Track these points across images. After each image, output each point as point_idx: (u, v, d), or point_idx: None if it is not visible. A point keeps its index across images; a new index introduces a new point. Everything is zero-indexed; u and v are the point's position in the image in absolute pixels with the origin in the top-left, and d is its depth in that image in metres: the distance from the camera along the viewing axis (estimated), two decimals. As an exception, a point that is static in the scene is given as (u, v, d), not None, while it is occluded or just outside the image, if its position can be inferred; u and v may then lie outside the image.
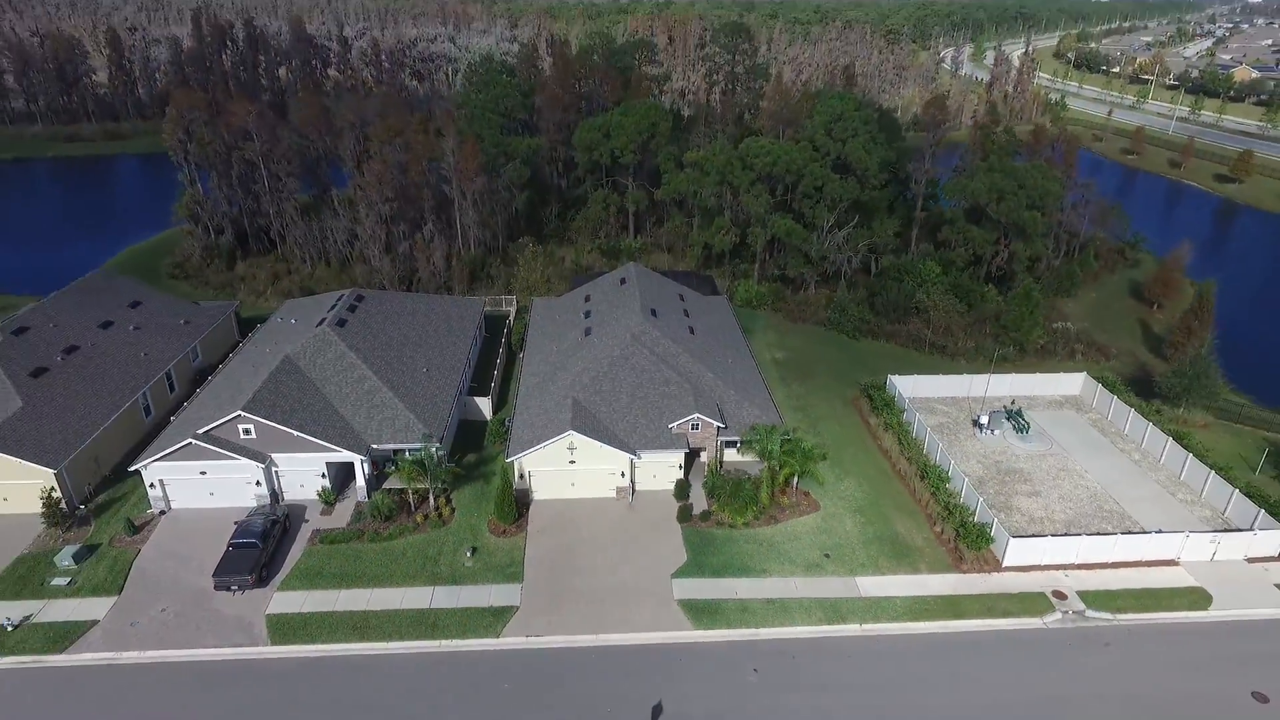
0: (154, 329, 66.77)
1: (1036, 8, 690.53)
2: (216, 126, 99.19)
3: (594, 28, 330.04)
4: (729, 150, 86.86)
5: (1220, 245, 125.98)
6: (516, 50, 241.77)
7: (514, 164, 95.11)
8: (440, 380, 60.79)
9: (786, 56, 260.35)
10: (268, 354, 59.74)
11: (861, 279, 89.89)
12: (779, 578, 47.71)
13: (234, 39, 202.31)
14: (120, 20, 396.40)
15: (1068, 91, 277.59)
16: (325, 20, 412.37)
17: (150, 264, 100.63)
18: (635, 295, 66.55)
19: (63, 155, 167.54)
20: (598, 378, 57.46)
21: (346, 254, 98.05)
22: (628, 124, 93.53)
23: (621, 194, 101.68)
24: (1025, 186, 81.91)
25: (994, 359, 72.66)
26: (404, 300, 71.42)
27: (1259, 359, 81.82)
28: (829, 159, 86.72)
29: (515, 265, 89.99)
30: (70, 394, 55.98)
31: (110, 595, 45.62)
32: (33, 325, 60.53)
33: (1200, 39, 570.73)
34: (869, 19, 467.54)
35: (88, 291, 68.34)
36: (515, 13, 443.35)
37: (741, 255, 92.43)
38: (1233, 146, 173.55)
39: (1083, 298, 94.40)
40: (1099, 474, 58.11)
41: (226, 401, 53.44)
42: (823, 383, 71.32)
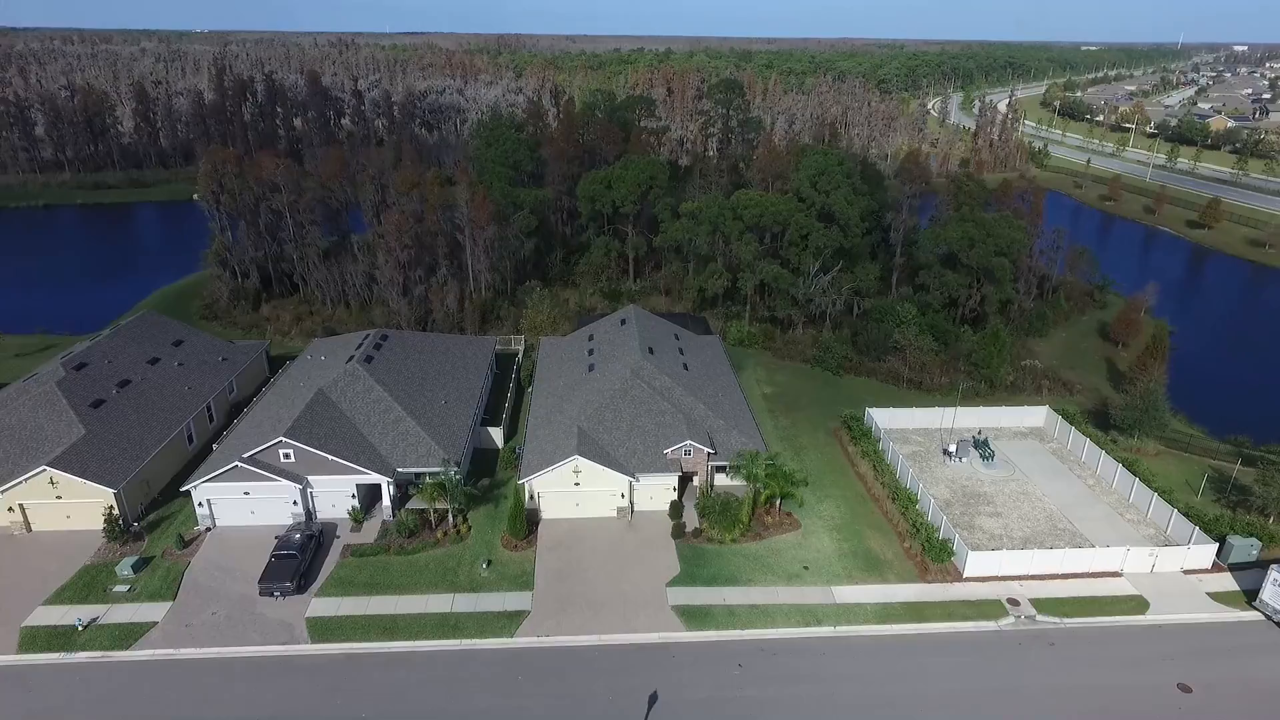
0: (195, 365, 73.23)
1: (1025, 58, 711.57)
2: (246, 179, 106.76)
3: (596, 79, 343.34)
4: (721, 201, 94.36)
5: (1188, 288, 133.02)
6: (522, 102, 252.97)
7: (522, 213, 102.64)
8: (457, 411, 67.01)
9: (781, 107, 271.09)
10: (301, 387, 66.04)
11: (845, 320, 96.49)
12: (762, 587, 53.31)
13: (254, 93, 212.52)
14: (141, 70, 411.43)
15: (1052, 139, 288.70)
16: (337, 71, 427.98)
17: (181, 305, 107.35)
18: (634, 335, 73.14)
19: (90, 202, 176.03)
20: (600, 409, 63.67)
21: (365, 296, 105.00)
22: (628, 177, 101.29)
23: (622, 241, 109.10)
24: (993, 235, 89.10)
25: (959, 394, 78.85)
26: (423, 339, 78.03)
27: (1214, 394, 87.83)
28: (814, 210, 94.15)
29: (524, 307, 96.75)
30: (125, 423, 62.16)
31: (166, 601, 51.22)
32: (90, 361, 66.97)
33: (1184, 87, 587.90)
34: (861, 69, 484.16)
35: (137, 331, 74.91)
36: (520, 64, 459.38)
37: (734, 298, 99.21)
38: (1206, 193, 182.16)
39: (1054, 337, 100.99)
40: (1056, 497, 63.93)
41: (267, 429, 59.59)
42: (807, 415, 77.47)
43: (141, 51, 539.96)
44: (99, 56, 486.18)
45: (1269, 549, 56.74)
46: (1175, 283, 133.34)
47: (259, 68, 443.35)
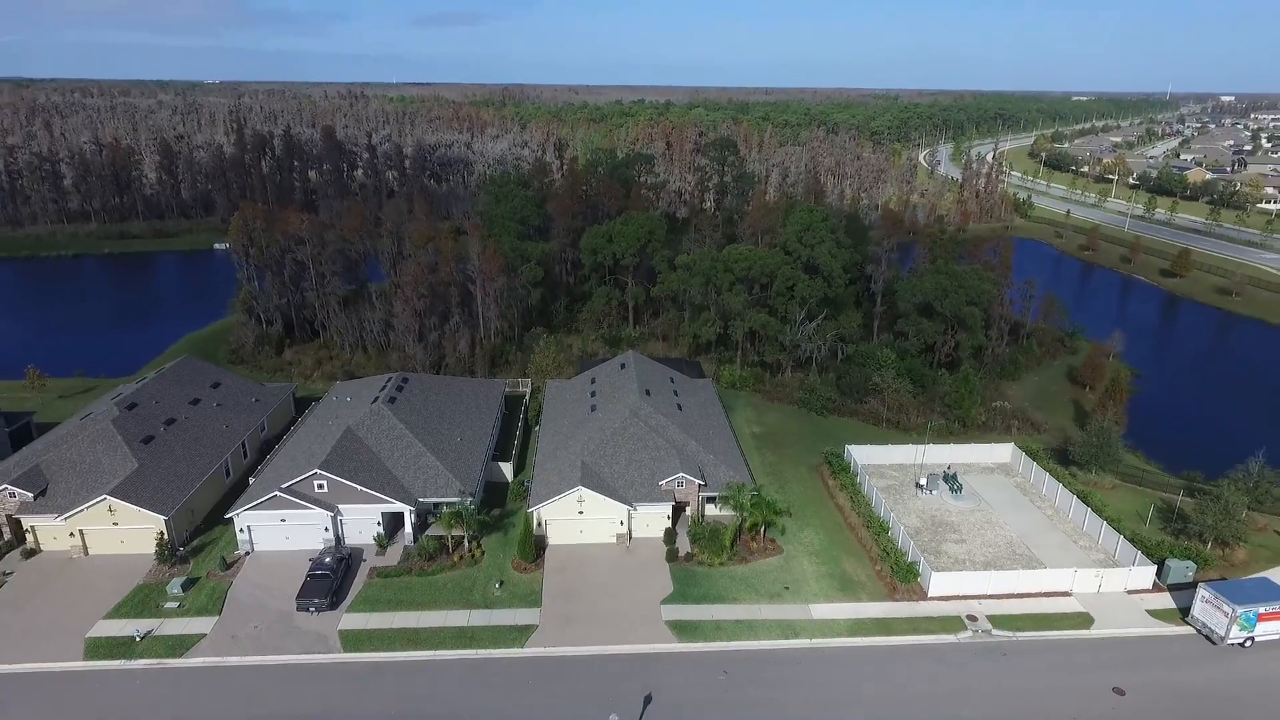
0: (232, 405, 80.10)
1: (1016, 109, 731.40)
2: (274, 233, 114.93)
3: (598, 132, 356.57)
4: (714, 255, 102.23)
5: (1159, 334, 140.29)
6: (528, 155, 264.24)
7: (530, 265, 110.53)
8: (471, 447, 73.63)
9: (775, 159, 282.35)
10: (330, 425, 72.79)
11: (830, 364, 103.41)
12: (747, 604, 59.31)
13: (273, 148, 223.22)
14: (159, 122, 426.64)
15: (1037, 190, 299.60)
16: (348, 124, 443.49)
17: (209, 350, 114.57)
18: (633, 378, 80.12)
19: (116, 252, 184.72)
20: (601, 445, 70.30)
21: (382, 341, 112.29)
22: (628, 231, 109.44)
23: (622, 290, 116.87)
24: (964, 286, 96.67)
25: (926, 432, 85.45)
26: (439, 382, 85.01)
27: (1175, 432, 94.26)
28: (800, 262, 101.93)
29: (530, 352, 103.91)
30: (172, 457, 68.79)
31: (212, 615, 57.25)
32: (140, 401, 73.85)
33: (1169, 138, 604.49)
34: (855, 121, 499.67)
35: (179, 373, 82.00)
36: (524, 116, 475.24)
37: (726, 344, 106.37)
38: (1180, 243, 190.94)
39: (1026, 380, 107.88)
40: (1017, 526, 70.14)
41: (302, 462, 66.19)
42: (792, 452, 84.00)
43: (159, 104, 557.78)
44: (118, 109, 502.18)
45: (1203, 571, 62.78)
46: (1147, 329, 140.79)
47: (273, 120, 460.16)
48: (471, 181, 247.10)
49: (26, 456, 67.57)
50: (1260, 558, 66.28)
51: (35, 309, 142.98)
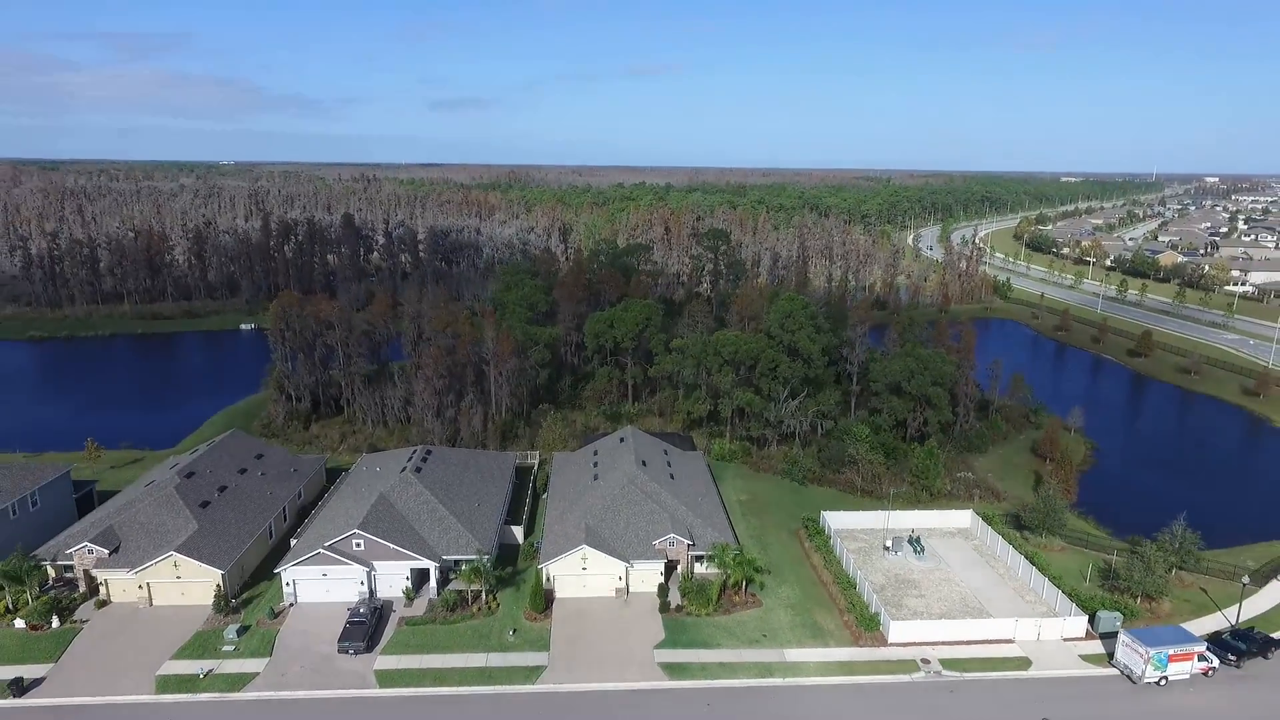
0: (274, 474, 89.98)
1: (1003, 191, 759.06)
2: (307, 319, 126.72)
3: (601, 216, 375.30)
4: (704, 340, 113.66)
5: (1123, 410, 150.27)
6: (534, 240, 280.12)
7: (538, 348, 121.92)
8: (487, 512, 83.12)
9: (769, 243, 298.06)
10: (363, 492, 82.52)
11: (812, 438, 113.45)
12: (729, 649, 67.88)
13: (297, 235, 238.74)
14: (183, 205, 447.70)
15: (1017, 272, 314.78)
16: (361, 206, 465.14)
17: (242, 424, 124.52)
18: (631, 451, 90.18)
19: (149, 332, 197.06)
20: (603, 510, 79.86)
21: (401, 417, 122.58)
22: (627, 318, 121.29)
23: (623, 370, 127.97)
24: (929, 368, 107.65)
25: (893, 500, 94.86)
26: (458, 454, 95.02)
27: (1125, 499, 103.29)
28: (782, 346, 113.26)
29: (539, 427, 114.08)
30: (226, 520, 78.33)
31: (264, 657, 65.86)
32: (197, 471, 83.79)
33: (1151, 219, 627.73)
34: (846, 205, 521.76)
35: (228, 446, 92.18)
36: (530, 199, 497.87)
37: (717, 419, 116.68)
38: (1148, 324, 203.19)
39: (992, 453, 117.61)
40: (971, 583, 78.96)
41: (341, 524, 75.71)
42: (775, 518, 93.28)
43: (181, 188, 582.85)
44: (143, 193, 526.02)
45: (1130, 621, 71.41)
46: (1112, 405, 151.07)
47: (290, 203, 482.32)
48: (481, 264, 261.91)
49: (100, 519, 77.16)
50: (1184, 610, 74.98)
51: (79, 386, 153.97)
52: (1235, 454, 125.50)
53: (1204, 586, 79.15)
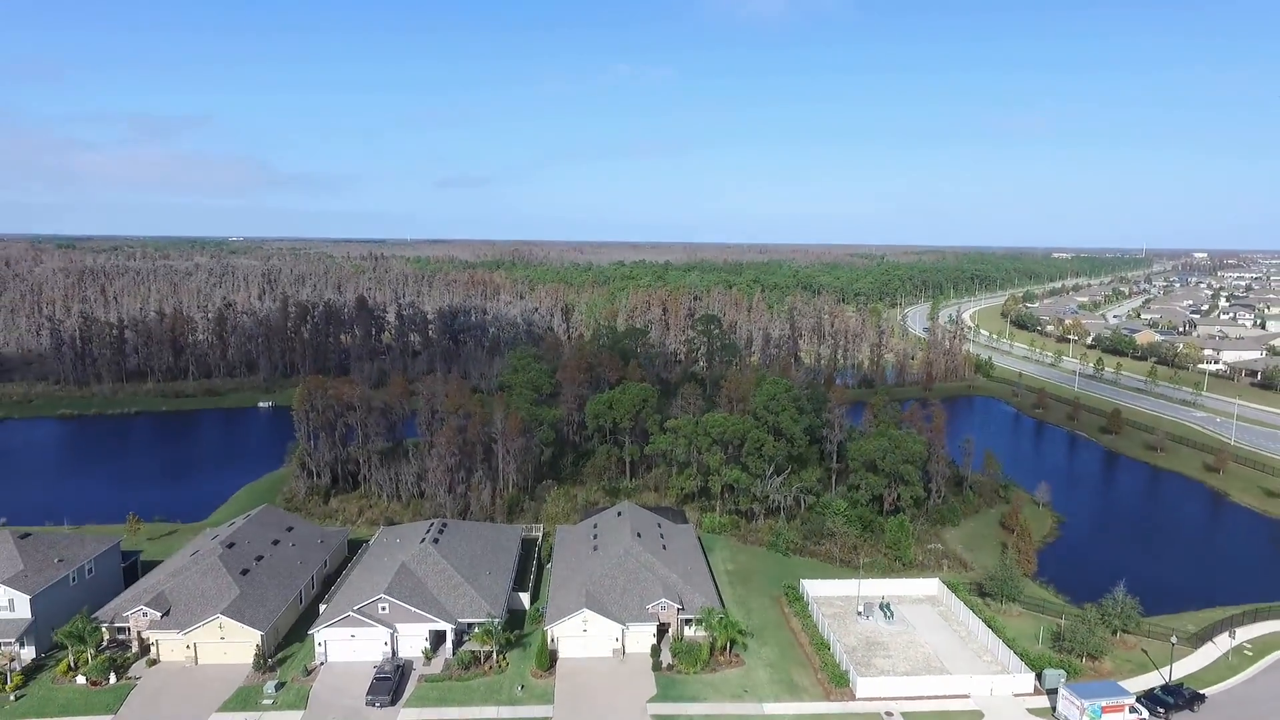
0: (303, 545, 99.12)
1: (991, 270, 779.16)
2: (330, 400, 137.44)
3: (601, 295, 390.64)
4: (695, 421, 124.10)
5: (1089, 484, 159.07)
6: (538, 320, 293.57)
7: (543, 428, 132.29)
8: (497, 580, 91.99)
9: (762, 323, 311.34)
10: (385, 561, 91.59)
11: (796, 511, 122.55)
12: (714, 702, 76.01)
13: (314, 317, 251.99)
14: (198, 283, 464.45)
15: (1000, 349, 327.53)
16: (370, 285, 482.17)
17: (266, 498, 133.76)
18: (627, 524, 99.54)
19: (172, 409, 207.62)
20: (601, 577, 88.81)
21: (415, 491, 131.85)
22: (625, 400, 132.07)
23: (621, 448, 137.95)
24: (900, 447, 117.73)
25: (865, 569, 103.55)
26: (470, 527, 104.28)
27: (1086, 568, 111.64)
28: (767, 426, 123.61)
29: (543, 501, 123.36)
30: (264, 586, 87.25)
31: (299, 710, 74.01)
32: (236, 542, 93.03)
33: (1136, 296, 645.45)
34: (839, 283, 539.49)
35: (262, 519, 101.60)
36: (533, 279, 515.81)
37: (707, 494, 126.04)
38: (1123, 402, 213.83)
39: (964, 526, 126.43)
40: (935, 645, 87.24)
41: (367, 590, 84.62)
42: (759, 585, 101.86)
43: (195, 267, 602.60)
44: (159, 272, 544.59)
45: (1072, 677, 79.59)
46: (1082, 480, 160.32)
47: (301, 282, 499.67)
48: (488, 343, 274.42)
49: (151, 585, 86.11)
50: (1125, 669, 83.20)
51: (110, 462, 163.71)
52: (1191, 526, 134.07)
53: (1145, 648, 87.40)
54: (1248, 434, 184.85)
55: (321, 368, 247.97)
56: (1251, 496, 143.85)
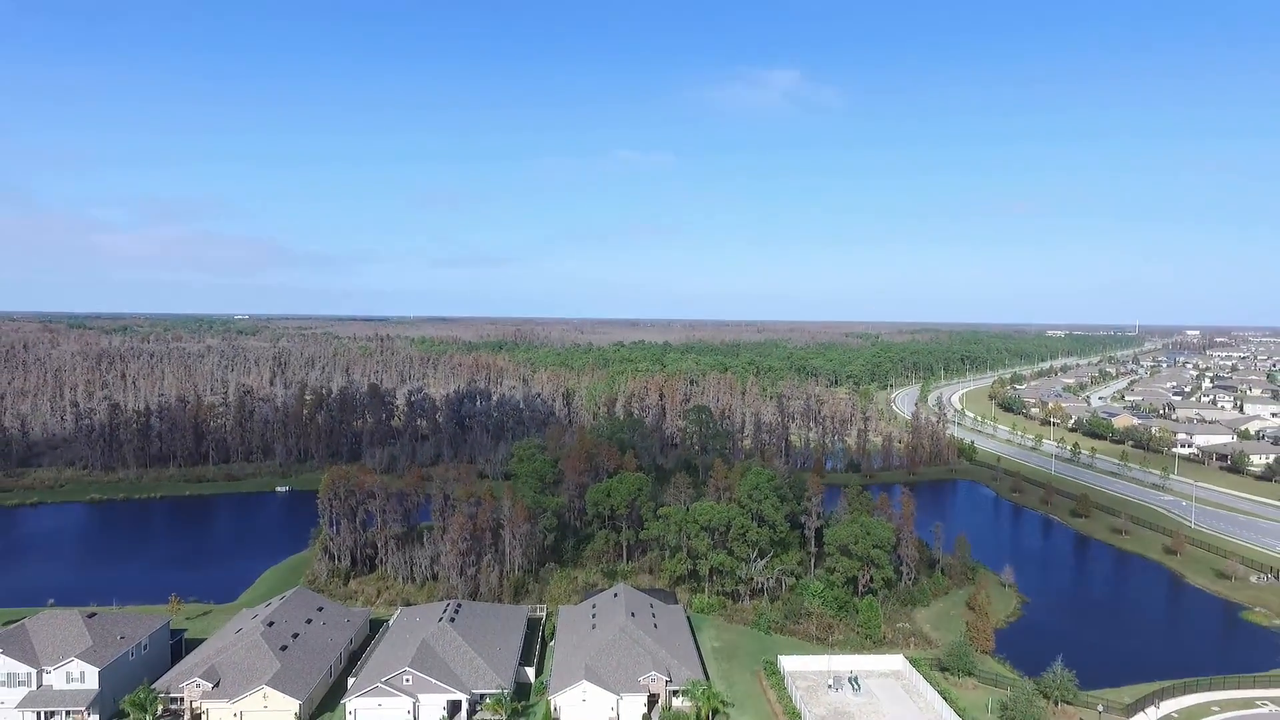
0: (332, 624, 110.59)
1: (981, 351, 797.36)
2: (352, 489, 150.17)
3: (601, 379, 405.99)
4: (684, 510, 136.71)
5: (1056, 565, 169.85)
6: (540, 406, 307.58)
7: (547, 515, 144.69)
8: (506, 655, 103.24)
9: (755, 407, 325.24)
10: (407, 638, 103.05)
11: (778, 592, 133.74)
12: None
13: (329, 405, 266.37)
14: (210, 366, 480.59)
15: (985, 433, 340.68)
16: (378, 368, 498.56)
17: (290, 580, 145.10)
18: (622, 604, 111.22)
19: (195, 494, 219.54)
20: (598, 652, 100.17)
21: (428, 574, 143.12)
22: (621, 488, 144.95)
23: (618, 532, 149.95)
24: (871, 534, 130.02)
25: (835, 646, 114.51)
26: (481, 607, 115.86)
27: (1043, 645, 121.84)
28: (750, 514, 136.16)
29: (546, 583, 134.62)
30: (300, 661, 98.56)
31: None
32: (275, 621, 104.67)
33: (1124, 377, 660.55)
34: (831, 365, 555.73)
35: (296, 600, 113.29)
36: (535, 362, 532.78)
37: (697, 577, 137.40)
38: (1099, 485, 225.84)
39: (933, 606, 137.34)
40: (897, 716, 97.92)
41: (392, 664, 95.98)
42: (741, 661, 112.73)
43: (207, 349, 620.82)
44: (173, 354, 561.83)
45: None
46: (1049, 561, 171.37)
47: (310, 365, 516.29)
48: (492, 427, 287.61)
49: (202, 659, 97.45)
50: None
51: (141, 545, 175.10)
52: (1146, 605, 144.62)
53: (1083, 717, 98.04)
54: (1207, 517, 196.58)
55: (335, 453, 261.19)
56: (1204, 578, 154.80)
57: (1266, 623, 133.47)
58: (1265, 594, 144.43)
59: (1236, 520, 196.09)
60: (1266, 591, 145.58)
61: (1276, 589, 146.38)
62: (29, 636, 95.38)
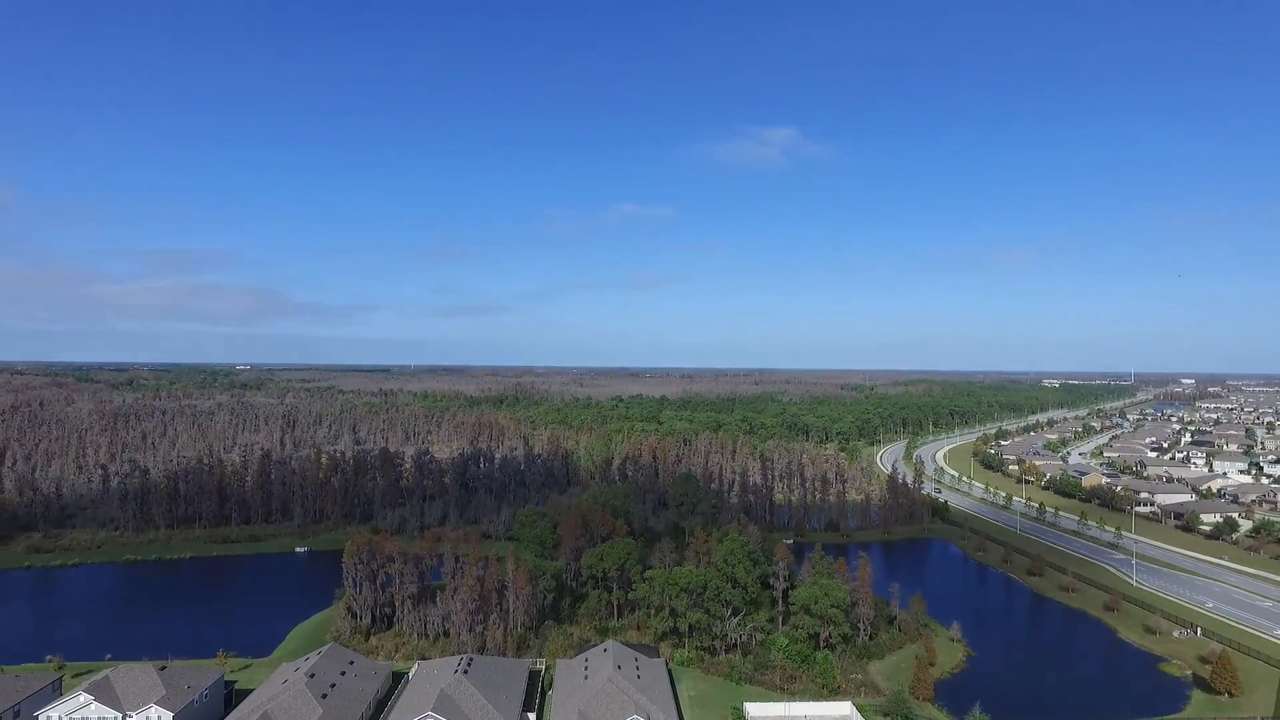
0: (362, 676, 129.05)
1: (971, 405, 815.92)
2: (374, 554, 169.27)
3: (598, 438, 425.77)
4: (667, 574, 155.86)
5: (1006, 620, 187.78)
6: (539, 467, 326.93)
7: (546, 577, 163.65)
8: (512, 702, 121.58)
9: (743, 467, 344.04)
10: (428, 688, 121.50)
11: (750, 646, 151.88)
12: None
13: (344, 467, 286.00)
14: (220, 424, 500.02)
15: (961, 490, 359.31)
16: (383, 426, 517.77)
17: (317, 636, 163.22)
18: (610, 658, 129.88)
19: (221, 554, 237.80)
20: (590, 700, 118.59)
21: (440, 631, 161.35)
22: (613, 553, 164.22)
23: (609, 592, 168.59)
24: (829, 595, 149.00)
25: (793, 695, 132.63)
26: (490, 660, 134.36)
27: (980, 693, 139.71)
28: (725, 576, 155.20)
29: (545, 638, 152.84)
30: (339, 707, 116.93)
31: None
32: (315, 673, 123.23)
33: (1108, 430, 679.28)
34: (821, 422, 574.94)
35: (331, 655, 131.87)
36: (535, 420, 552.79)
37: (678, 633, 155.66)
38: (1059, 544, 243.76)
39: (888, 659, 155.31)
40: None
41: (416, 709, 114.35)
42: (714, 708, 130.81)
43: (218, 406, 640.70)
44: (184, 412, 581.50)
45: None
46: (1000, 617, 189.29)
47: (319, 421, 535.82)
48: (495, 488, 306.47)
49: (256, 706, 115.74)
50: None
51: (180, 603, 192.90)
52: (1077, 657, 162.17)
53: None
54: (1149, 574, 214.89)
55: (348, 513, 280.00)
56: (1133, 633, 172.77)
57: (1179, 673, 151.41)
58: (1183, 647, 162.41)
59: (1176, 578, 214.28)
60: (1185, 645, 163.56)
61: (1195, 642, 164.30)
62: (113, 686, 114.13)
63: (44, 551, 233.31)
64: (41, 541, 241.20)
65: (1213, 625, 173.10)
